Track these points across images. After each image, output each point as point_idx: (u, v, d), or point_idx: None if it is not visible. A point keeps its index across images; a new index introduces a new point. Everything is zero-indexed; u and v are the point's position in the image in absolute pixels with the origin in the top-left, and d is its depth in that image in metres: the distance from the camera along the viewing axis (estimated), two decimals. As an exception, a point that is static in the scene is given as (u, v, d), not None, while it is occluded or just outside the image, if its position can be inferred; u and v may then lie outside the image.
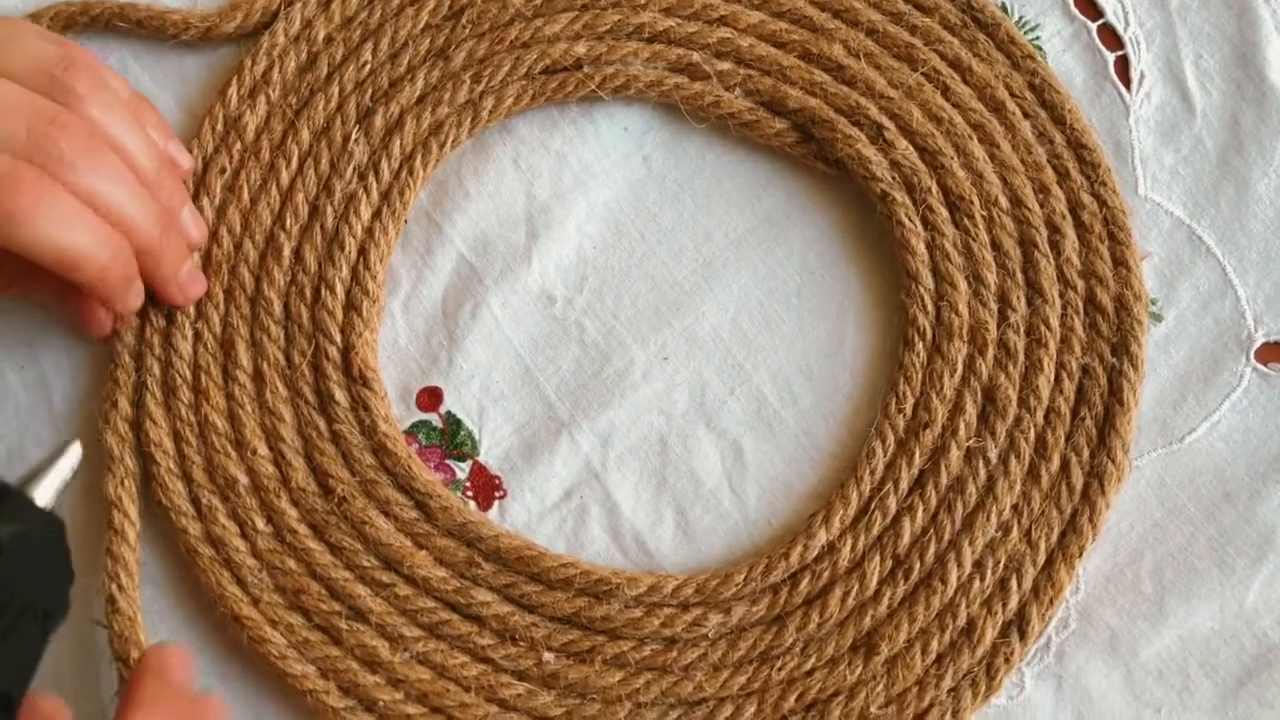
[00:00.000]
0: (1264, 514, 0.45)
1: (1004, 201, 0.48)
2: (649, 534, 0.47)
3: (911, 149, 0.48)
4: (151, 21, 0.51)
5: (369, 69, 0.50)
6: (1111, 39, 0.51)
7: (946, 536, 0.44)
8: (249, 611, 0.44)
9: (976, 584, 0.44)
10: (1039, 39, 0.51)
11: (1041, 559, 0.44)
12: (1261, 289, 0.48)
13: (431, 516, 0.45)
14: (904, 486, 0.45)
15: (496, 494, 0.47)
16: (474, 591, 0.44)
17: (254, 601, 0.45)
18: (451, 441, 0.48)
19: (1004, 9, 0.51)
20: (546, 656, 0.44)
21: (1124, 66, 0.51)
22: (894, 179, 0.48)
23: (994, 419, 0.46)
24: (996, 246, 0.47)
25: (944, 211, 0.48)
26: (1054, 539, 0.44)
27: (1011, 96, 0.49)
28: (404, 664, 0.44)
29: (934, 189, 0.48)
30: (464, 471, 0.48)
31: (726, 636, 0.44)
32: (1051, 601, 0.44)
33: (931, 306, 0.47)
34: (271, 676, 0.44)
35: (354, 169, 0.49)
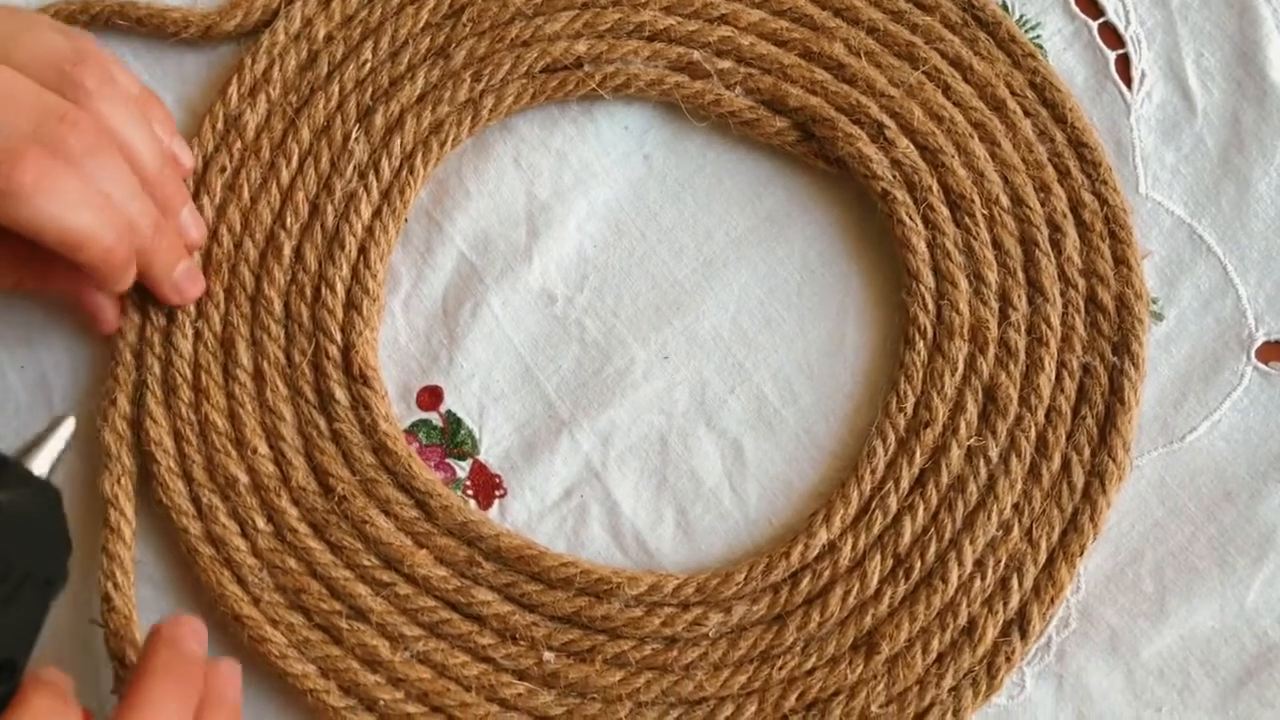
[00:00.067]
0: (1265, 513, 0.45)
1: (1005, 200, 0.48)
2: (649, 533, 0.47)
3: (912, 147, 0.48)
4: (151, 20, 0.51)
5: (369, 67, 0.50)
6: (1112, 37, 0.51)
7: (947, 535, 0.44)
8: (249, 611, 0.44)
9: (977, 583, 0.44)
10: (1040, 37, 0.51)
11: (1042, 558, 0.44)
12: (1262, 288, 0.48)
13: (432, 515, 0.45)
14: (905, 485, 0.45)
15: (497, 493, 0.47)
16: (474, 591, 0.44)
17: (254, 601, 0.45)
18: (452, 440, 0.48)
19: (1005, 7, 0.51)
20: (547, 656, 0.44)
21: (1125, 65, 0.51)
22: (895, 177, 0.48)
23: (995, 418, 0.45)
24: (997, 245, 0.47)
25: (945, 210, 0.48)
26: (1055, 538, 0.44)
27: (1012, 95, 0.49)
28: (404, 663, 0.44)
29: (935, 187, 0.48)
30: (464, 470, 0.47)
31: (727, 636, 0.44)
32: (1052, 600, 0.44)
33: (932, 305, 0.47)
34: (272, 676, 0.44)
35: (354, 167, 0.49)
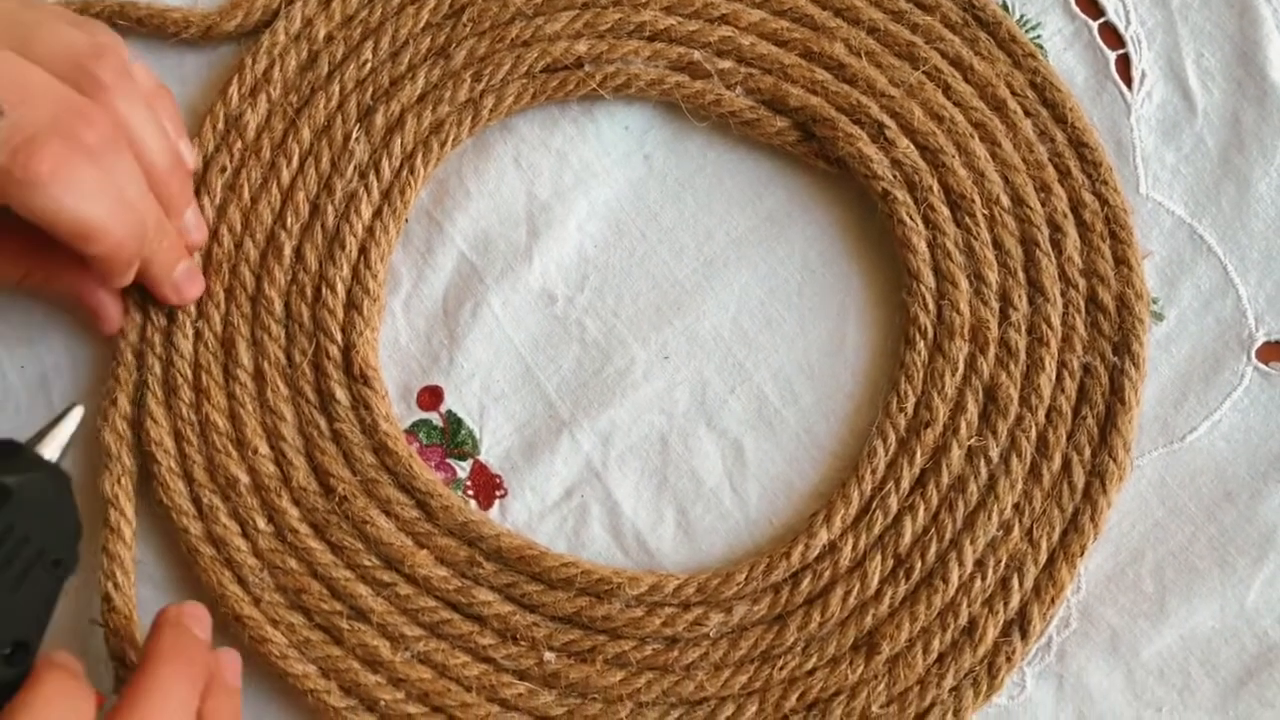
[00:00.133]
0: (1265, 513, 0.45)
1: (1005, 200, 0.48)
2: (650, 533, 0.47)
3: (913, 147, 0.48)
4: (152, 20, 0.50)
5: (370, 67, 0.50)
6: (1113, 37, 0.51)
7: (948, 535, 0.44)
8: (250, 611, 0.44)
9: (978, 583, 0.44)
10: (1040, 37, 0.51)
11: (1043, 558, 0.44)
12: (1263, 288, 0.48)
13: (432, 516, 0.45)
14: (905, 485, 0.45)
15: (497, 493, 0.47)
16: (475, 591, 0.44)
17: (255, 601, 0.45)
18: (452, 440, 0.48)
19: (1005, 7, 0.51)
20: (548, 656, 0.44)
21: (1125, 65, 0.51)
22: (895, 177, 0.48)
23: (995, 418, 0.45)
24: (998, 245, 0.47)
25: (945, 210, 0.48)
26: (1055, 538, 0.44)
27: (1013, 95, 0.49)
28: (405, 663, 0.44)
29: (935, 187, 0.48)
30: (465, 470, 0.47)
31: (728, 636, 0.44)
32: (1053, 600, 0.44)
33: (933, 305, 0.47)
34: (272, 676, 0.44)
35: (355, 167, 0.49)
